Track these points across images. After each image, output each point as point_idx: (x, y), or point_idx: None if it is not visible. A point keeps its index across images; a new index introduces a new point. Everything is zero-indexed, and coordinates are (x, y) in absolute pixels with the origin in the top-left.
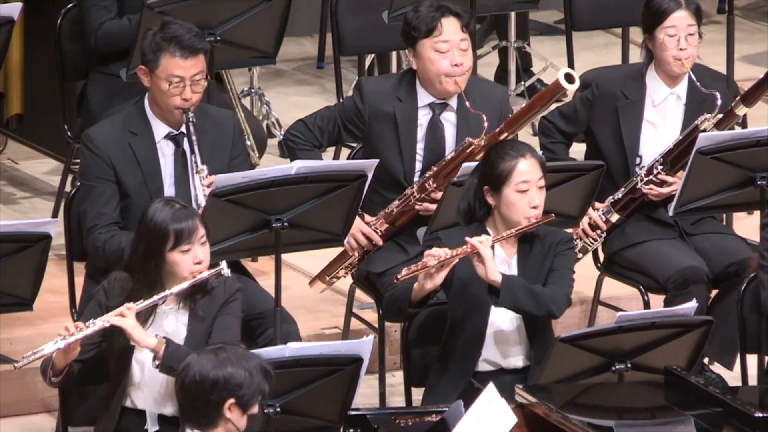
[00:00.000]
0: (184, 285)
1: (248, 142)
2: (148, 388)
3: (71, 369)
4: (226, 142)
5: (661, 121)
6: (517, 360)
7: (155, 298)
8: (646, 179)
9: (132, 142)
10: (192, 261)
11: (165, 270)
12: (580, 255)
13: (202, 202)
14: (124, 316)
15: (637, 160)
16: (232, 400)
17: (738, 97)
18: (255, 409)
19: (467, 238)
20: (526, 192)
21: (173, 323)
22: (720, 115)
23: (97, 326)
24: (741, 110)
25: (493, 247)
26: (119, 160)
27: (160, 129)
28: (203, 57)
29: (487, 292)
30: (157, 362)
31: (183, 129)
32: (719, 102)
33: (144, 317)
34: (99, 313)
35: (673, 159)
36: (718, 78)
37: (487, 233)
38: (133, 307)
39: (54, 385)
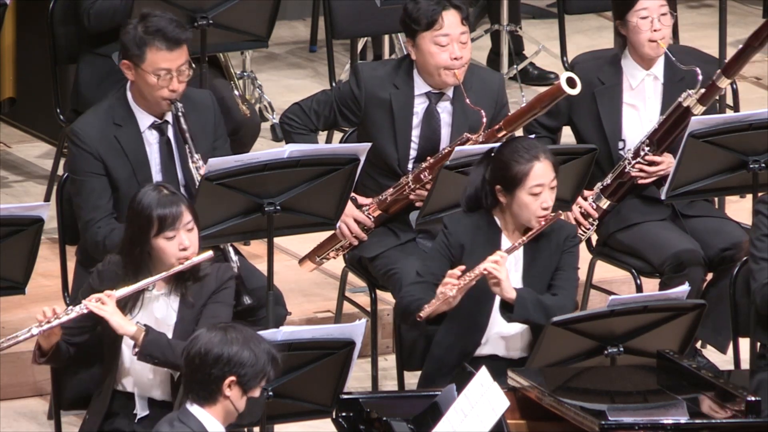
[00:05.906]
0: (170, 272)
1: (236, 93)
2: (137, 373)
3: (60, 348)
4: (209, 125)
5: (641, 103)
6: (514, 353)
7: (137, 285)
8: (633, 162)
9: (117, 134)
10: (177, 247)
11: (152, 256)
12: None
13: None
14: (104, 303)
15: (621, 144)
16: (232, 378)
17: (719, 70)
18: (256, 393)
19: (484, 264)
20: (539, 194)
21: (163, 308)
22: (702, 90)
23: (75, 313)
24: (723, 83)
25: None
26: (107, 153)
27: (144, 119)
28: (186, 47)
29: (500, 306)
30: (136, 349)
31: (167, 117)
32: (700, 77)
33: (132, 303)
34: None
35: (659, 139)
36: (692, 53)
37: (495, 223)
38: (113, 294)
39: (41, 364)
